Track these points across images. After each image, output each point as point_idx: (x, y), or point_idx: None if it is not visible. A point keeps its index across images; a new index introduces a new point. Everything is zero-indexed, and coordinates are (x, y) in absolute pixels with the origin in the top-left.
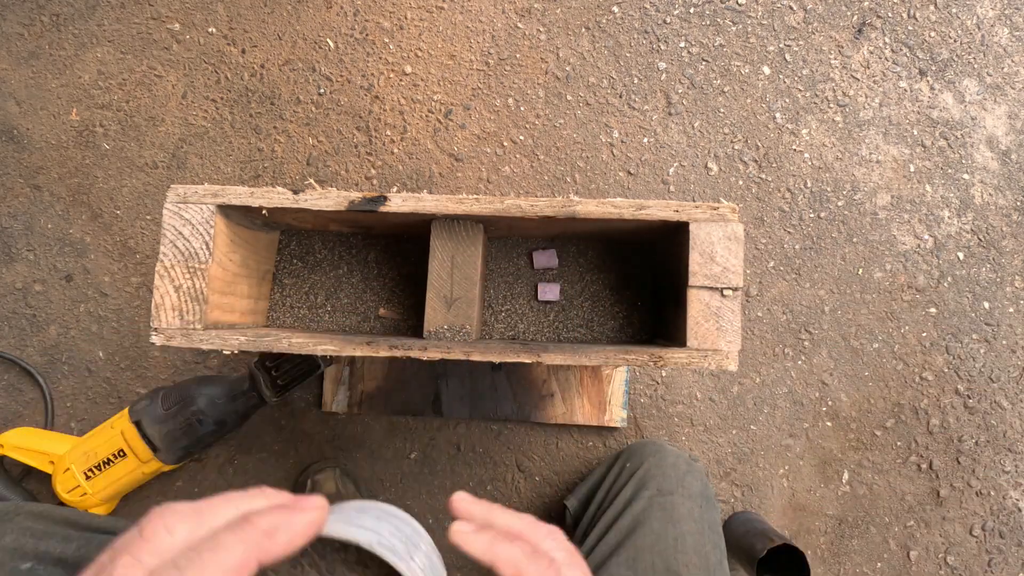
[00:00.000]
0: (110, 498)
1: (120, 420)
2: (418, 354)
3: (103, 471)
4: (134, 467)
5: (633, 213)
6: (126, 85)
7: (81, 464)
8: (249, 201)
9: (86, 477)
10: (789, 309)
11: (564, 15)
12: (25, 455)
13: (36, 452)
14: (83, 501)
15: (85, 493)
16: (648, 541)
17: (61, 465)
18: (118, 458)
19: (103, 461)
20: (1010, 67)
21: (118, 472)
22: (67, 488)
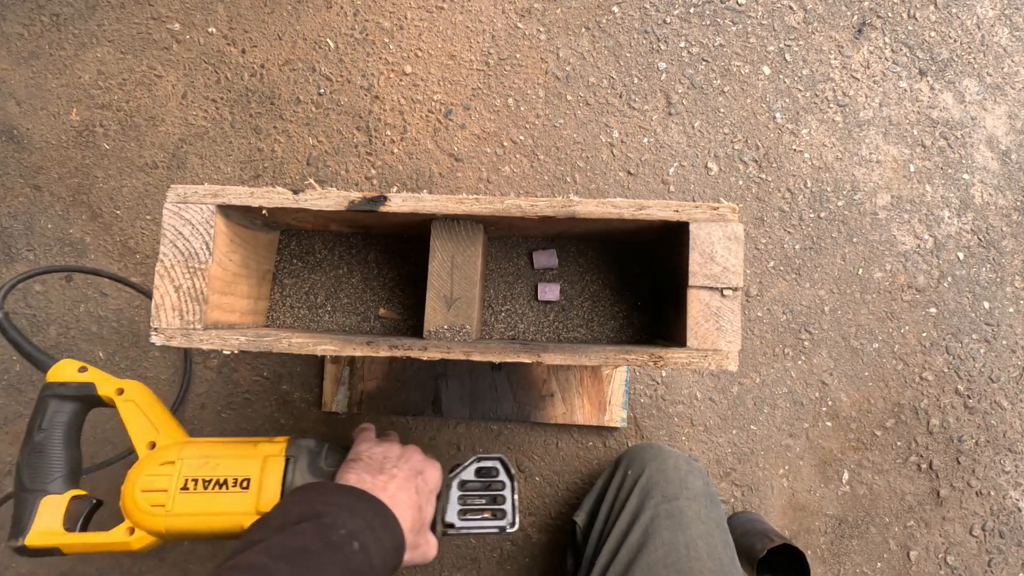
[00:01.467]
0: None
1: (269, 446)
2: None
3: (207, 492)
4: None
5: (633, 213)
6: (126, 85)
7: (192, 468)
8: (249, 201)
9: (183, 487)
10: (789, 309)
11: (564, 15)
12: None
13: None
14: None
15: (163, 506)
16: (660, 555)
17: (165, 454)
18: (235, 487)
19: (218, 481)
20: (1010, 67)
21: (222, 504)
22: (150, 486)
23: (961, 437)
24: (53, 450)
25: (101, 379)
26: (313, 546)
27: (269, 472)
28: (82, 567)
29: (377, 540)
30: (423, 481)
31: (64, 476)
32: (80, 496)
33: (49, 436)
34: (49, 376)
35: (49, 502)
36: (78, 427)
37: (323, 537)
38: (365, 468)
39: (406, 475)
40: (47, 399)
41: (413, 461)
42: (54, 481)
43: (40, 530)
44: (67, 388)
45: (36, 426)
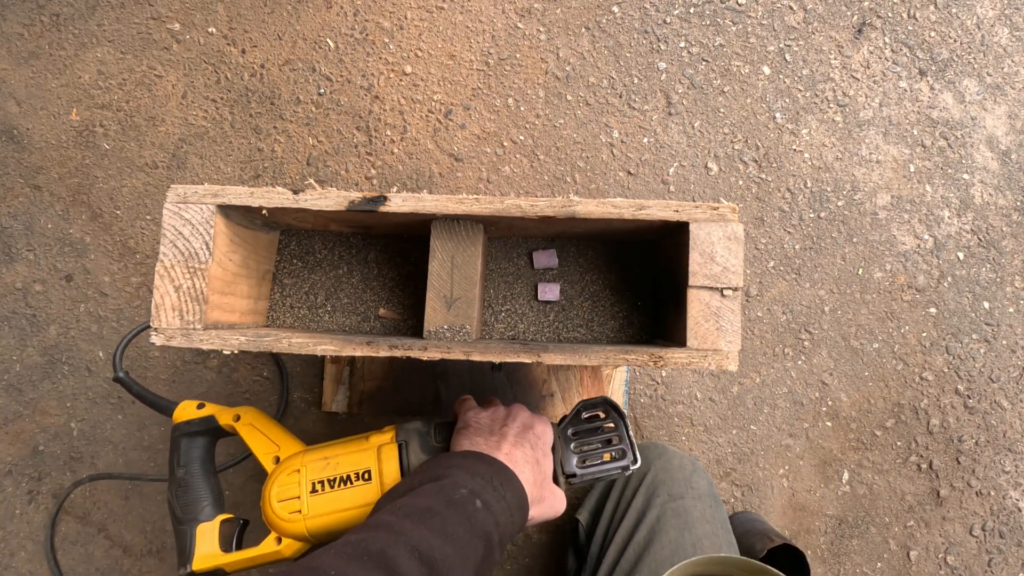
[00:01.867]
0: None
1: (379, 436)
2: (418, 354)
3: (334, 490)
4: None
5: (633, 213)
6: (126, 85)
7: (315, 471)
8: (249, 201)
9: (312, 491)
10: (789, 309)
11: (564, 15)
12: (256, 438)
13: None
14: (289, 523)
15: (300, 511)
16: (666, 553)
17: (290, 464)
18: (359, 481)
19: (341, 478)
20: (1010, 67)
21: (351, 499)
22: (284, 495)
23: (961, 437)
24: (195, 483)
25: (218, 411)
26: (436, 506)
27: (386, 460)
28: (82, 566)
29: (500, 498)
30: (535, 435)
31: (211, 503)
32: (228, 519)
33: (189, 471)
34: (175, 418)
35: (203, 529)
36: (211, 458)
37: (445, 496)
38: (476, 432)
39: (517, 432)
40: (179, 439)
41: (521, 418)
42: (203, 510)
43: (202, 555)
44: (192, 425)
45: (175, 464)
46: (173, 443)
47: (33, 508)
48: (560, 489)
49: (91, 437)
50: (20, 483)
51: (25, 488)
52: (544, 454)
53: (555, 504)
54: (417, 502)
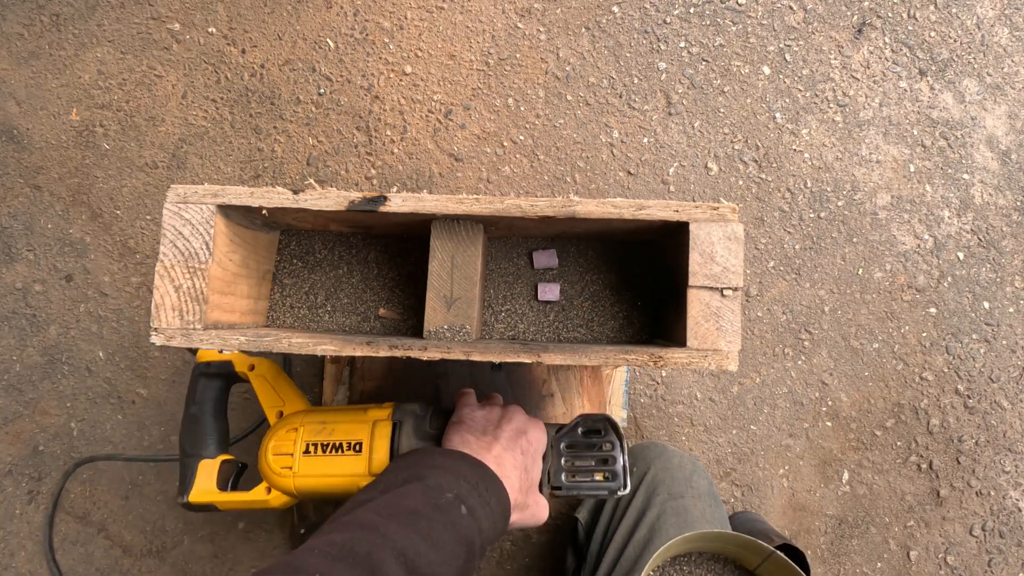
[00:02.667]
0: (307, 493)
1: (378, 411)
2: (418, 354)
3: (325, 455)
4: (358, 472)
5: (633, 213)
6: (126, 85)
7: (311, 433)
8: (249, 201)
9: (305, 451)
10: (789, 309)
11: (564, 15)
12: (265, 390)
13: (274, 394)
14: (281, 478)
15: (291, 468)
16: None
17: (290, 422)
18: (349, 451)
19: (334, 444)
20: (1010, 67)
21: (339, 466)
22: (279, 450)
23: (961, 437)
24: (206, 420)
25: (237, 358)
26: (422, 508)
27: (379, 436)
28: (83, 567)
29: (484, 504)
30: (527, 442)
31: (216, 442)
32: (229, 460)
33: (201, 409)
34: (198, 357)
35: (205, 465)
36: (224, 401)
37: (431, 500)
38: (468, 430)
39: (510, 436)
40: (198, 377)
41: (516, 421)
42: (208, 447)
43: (199, 489)
44: (211, 367)
45: (191, 400)
46: (192, 380)
47: (33, 508)
48: (544, 498)
49: (91, 437)
50: (20, 483)
51: (25, 488)
52: (534, 461)
53: (537, 513)
54: (403, 503)
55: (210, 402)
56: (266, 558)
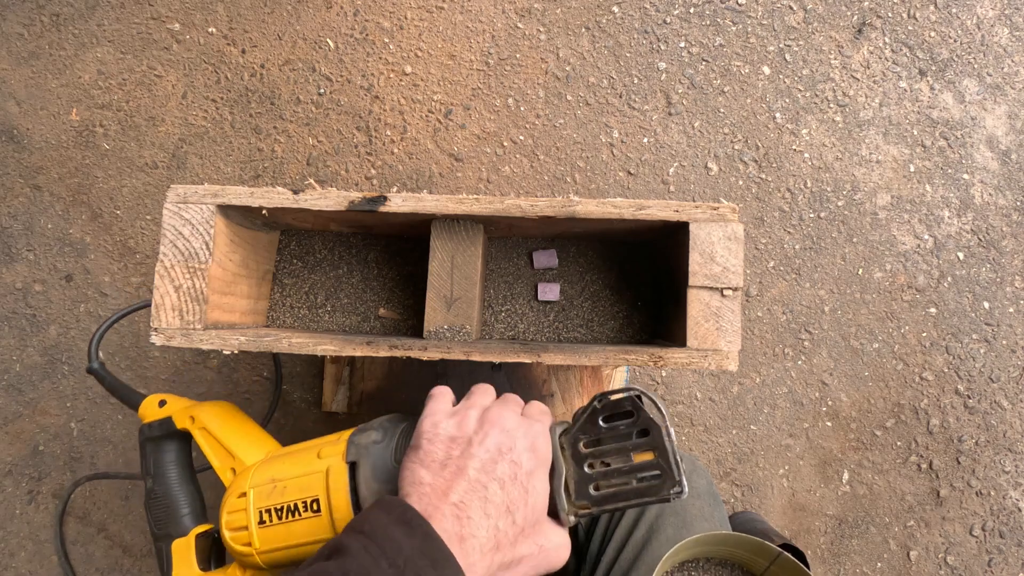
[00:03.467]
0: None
1: (331, 450)
2: (418, 354)
3: (282, 522)
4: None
5: (633, 213)
6: (126, 85)
7: (261, 497)
8: (249, 201)
9: (260, 522)
10: (789, 309)
11: (564, 15)
12: (211, 446)
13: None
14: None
15: (249, 544)
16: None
17: (239, 485)
18: (307, 512)
19: (288, 508)
20: (1010, 67)
21: (299, 534)
22: (233, 524)
23: (961, 437)
24: (167, 493)
25: (177, 411)
26: None
27: (334, 487)
28: (82, 567)
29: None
30: (513, 465)
31: (187, 515)
32: (204, 531)
33: (157, 481)
34: (141, 417)
35: (178, 546)
36: (184, 463)
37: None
38: (422, 462)
39: (483, 464)
40: (144, 444)
41: (498, 431)
42: (177, 523)
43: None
44: (153, 429)
45: (145, 473)
46: (140, 448)
47: (33, 508)
48: (561, 527)
49: (91, 437)
50: (20, 483)
51: (25, 488)
52: (525, 491)
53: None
54: None
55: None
56: None
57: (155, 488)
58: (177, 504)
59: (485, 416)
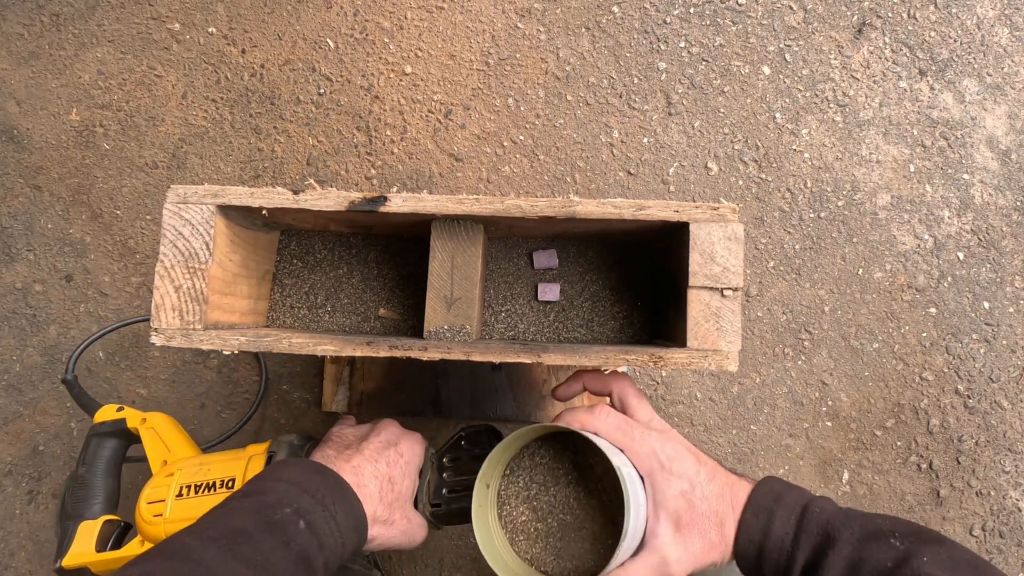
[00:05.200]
0: None
1: (256, 447)
2: (418, 354)
3: (198, 496)
4: None
5: (633, 213)
6: (126, 85)
7: (187, 475)
8: (249, 201)
9: (178, 495)
10: (789, 309)
11: (564, 15)
12: (153, 442)
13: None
14: (152, 526)
15: (161, 515)
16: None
17: (170, 468)
18: (222, 488)
19: (207, 484)
20: (1010, 67)
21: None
22: (153, 497)
23: (961, 437)
24: (94, 481)
25: (131, 415)
26: (250, 527)
27: (252, 470)
28: None
29: (329, 518)
30: (397, 453)
31: (102, 503)
32: (112, 520)
33: (91, 469)
34: (95, 419)
35: (85, 527)
36: (116, 461)
37: (263, 517)
38: (331, 445)
39: (375, 447)
40: (91, 438)
41: (385, 434)
42: (92, 508)
43: (75, 552)
44: (105, 426)
45: (80, 461)
46: (86, 441)
47: (33, 508)
48: (420, 516)
49: None
50: (20, 483)
51: (25, 488)
52: (403, 474)
53: (411, 531)
54: (230, 522)
55: (102, 461)
56: None
57: (84, 475)
58: (98, 491)
59: (377, 425)
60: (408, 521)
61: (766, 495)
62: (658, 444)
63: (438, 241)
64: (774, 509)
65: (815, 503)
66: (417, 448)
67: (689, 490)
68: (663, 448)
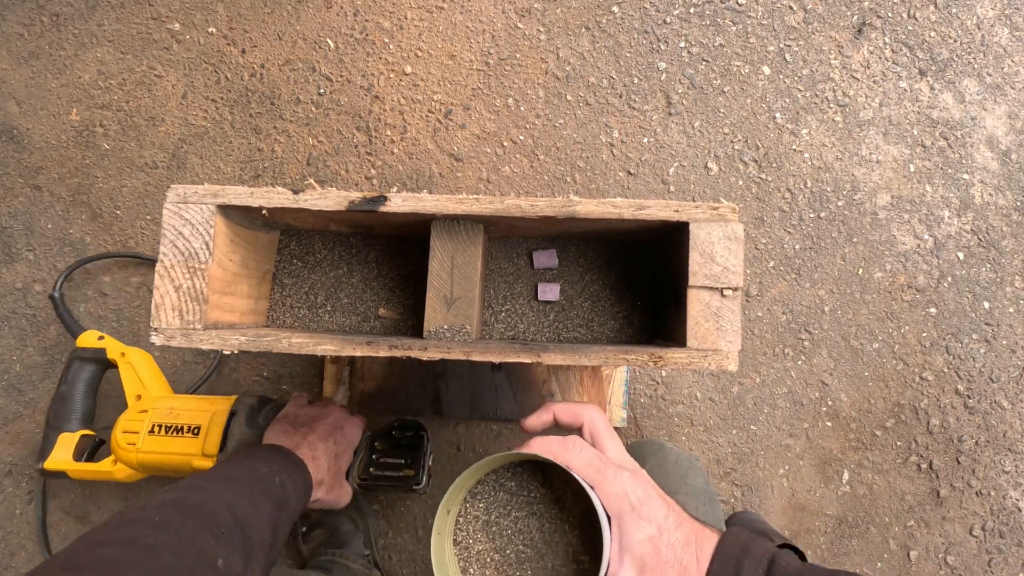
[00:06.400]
0: (147, 467)
1: (222, 402)
2: (418, 354)
3: (167, 436)
4: (192, 451)
5: (633, 213)
6: (126, 85)
7: (157, 415)
8: (249, 201)
9: (149, 431)
10: (789, 309)
11: (564, 15)
12: (130, 376)
13: (138, 380)
14: (125, 452)
15: (134, 445)
16: None
17: (143, 404)
18: (188, 433)
19: (176, 427)
20: (1010, 67)
21: (177, 446)
22: (128, 428)
23: (961, 437)
24: (73, 399)
25: (112, 346)
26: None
27: (215, 423)
28: None
29: (292, 480)
30: (342, 435)
31: (80, 419)
32: (88, 435)
33: (71, 388)
34: (77, 343)
35: (65, 438)
36: (94, 383)
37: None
38: (288, 422)
39: (325, 429)
40: (73, 360)
41: (333, 417)
42: (71, 422)
43: (54, 458)
44: (86, 352)
45: (62, 380)
46: (68, 362)
47: (33, 508)
48: (348, 486)
49: None
50: (20, 483)
51: (25, 488)
52: (345, 451)
53: (340, 496)
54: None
55: (81, 382)
56: None
57: (65, 392)
58: (76, 408)
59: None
60: (341, 488)
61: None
62: (630, 485)
63: (438, 241)
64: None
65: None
66: (357, 432)
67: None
68: (634, 490)
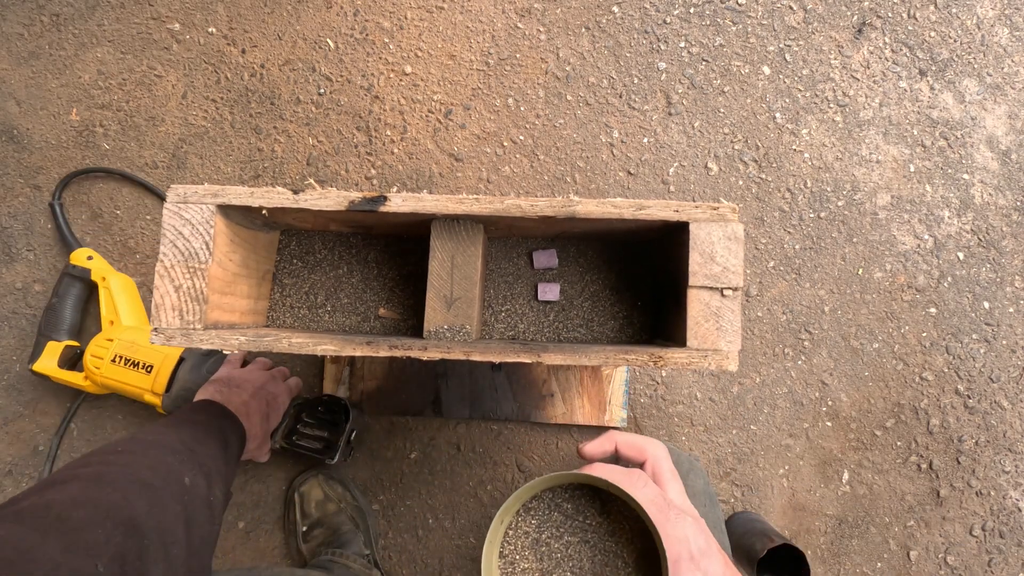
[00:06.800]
0: (108, 389)
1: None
2: (418, 354)
3: (125, 367)
4: (143, 387)
5: (633, 213)
6: (126, 85)
7: (121, 348)
8: (249, 201)
9: (112, 359)
10: (789, 309)
11: (564, 15)
12: (107, 301)
13: (114, 307)
14: (92, 373)
15: (99, 369)
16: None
17: (111, 333)
18: (142, 369)
19: (133, 361)
20: (1010, 67)
21: (132, 378)
22: (95, 352)
23: (961, 437)
24: (62, 312)
25: (96, 268)
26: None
27: (165, 365)
28: None
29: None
30: (272, 396)
31: (66, 330)
32: (72, 345)
33: (60, 301)
34: (70, 259)
35: (52, 346)
36: (81, 299)
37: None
38: (227, 384)
39: (255, 388)
40: (64, 275)
41: (263, 381)
42: (59, 332)
43: (42, 363)
44: (75, 270)
45: (54, 294)
46: (60, 276)
47: None
48: (268, 446)
49: (91, 437)
50: (20, 483)
51: (25, 488)
52: (274, 411)
53: (263, 453)
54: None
55: (70, 297)
56: (266, 557)
57: (55, 304)
58: (64, 320)
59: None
60: (266, 446)
61: None
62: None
63: (438, 241)
64: None
65: None
66: (286, 399)
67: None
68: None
